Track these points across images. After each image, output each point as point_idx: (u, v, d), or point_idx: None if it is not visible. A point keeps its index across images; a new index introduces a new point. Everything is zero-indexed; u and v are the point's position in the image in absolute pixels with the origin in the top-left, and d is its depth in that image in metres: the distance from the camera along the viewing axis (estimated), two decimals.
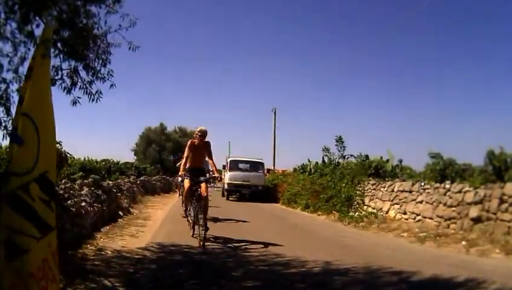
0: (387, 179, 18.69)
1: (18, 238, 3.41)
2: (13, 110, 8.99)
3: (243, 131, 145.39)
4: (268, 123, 57.43)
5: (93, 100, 9.46)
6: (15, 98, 9.09)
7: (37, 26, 8.67)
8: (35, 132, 3.56)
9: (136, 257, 8.92)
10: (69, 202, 9.83)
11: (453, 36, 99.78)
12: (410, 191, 15.67)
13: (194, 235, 11.07)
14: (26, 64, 8.84)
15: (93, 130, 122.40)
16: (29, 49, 8.94)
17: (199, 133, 11.57)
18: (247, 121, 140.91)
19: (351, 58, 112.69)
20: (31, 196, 3.50)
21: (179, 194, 20.75)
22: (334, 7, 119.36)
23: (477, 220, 11.62)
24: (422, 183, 15.18)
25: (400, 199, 16.26)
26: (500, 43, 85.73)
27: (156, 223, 14.72)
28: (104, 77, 9.63)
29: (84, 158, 25.03)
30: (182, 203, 14.28)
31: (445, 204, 13.28)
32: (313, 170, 29.11)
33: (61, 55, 9.38)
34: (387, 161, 21.01)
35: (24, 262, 3.44)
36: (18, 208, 3.45)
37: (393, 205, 16.68)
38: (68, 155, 10.22)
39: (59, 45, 9.21)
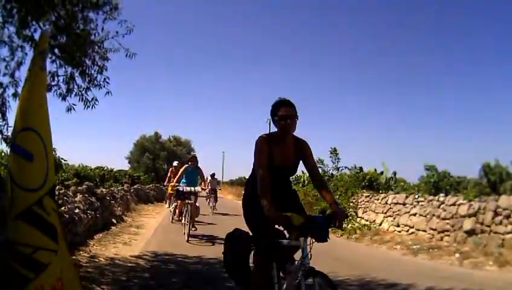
0: (381, 192, 18.73)
1: (39, 255, 3.41)
2: (9, 115, 8.96)
3: (236, 141, 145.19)
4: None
5: (88, 107, 9.44)
6: (11, 102, 9.08)
7: (35, 30, 8.66)
8: (43, 146, 3.56)
9: (129, 265, 8.91)
10: (62, 208, 9.80)
11: (448, 48, 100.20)
12: (404, 204, 15.69)
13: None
14: (23, 68, 8.85)
15: (88, 137, 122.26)
16: (26, 54, 8.94)
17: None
18: (241, 132, 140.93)
19: (345, 69, 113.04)
20: (46, 211, 3.50)
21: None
22: (328, 16, 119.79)
23: (471, 232, 11.63)
24: (417, 196, 15.22)
25: (393, 212, 16.28)
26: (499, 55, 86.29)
27: (149, 232, 14.67)
28: (100, 84, 9.61)
29: (79, 165, 25.00)
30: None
31: (438, 217, 13.30)
32: (306, 182, 29.06)
33: (57, 61, 9.37)
34: (381, 173, 21.08)
35: (46, 276, 3.43)
36: (36, 224, 3.44)
37: (386, 217, 16.69)
38: (62, 161, 10.23)
39: (56, 50, 9.20)
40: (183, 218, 14.05)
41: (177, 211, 16.79)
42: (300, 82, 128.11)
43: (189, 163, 14.99)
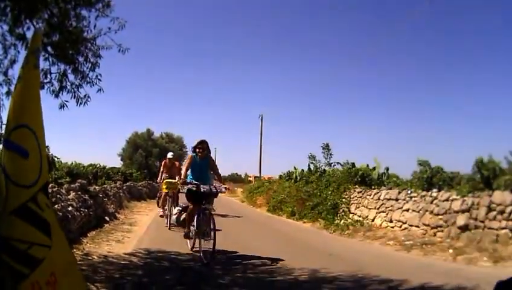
0: (373, 187, 18.70)
1: (34, 250, 3.42)
2: (2, 113, 8.95)
3: (229, 137, 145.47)
4: (255, 130, 57.58)
5: (81, 104, 9.46)
6: (4, 100, 9.07)
7: (28, 28, 8.65)
8: (37, 143, 3.57)
9: (122, 262, 8.91)
10: (56, 206, 9.79)
11: (443, 44, 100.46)
12: (397, 199, 15.68)
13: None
14: (16, 66, 8.84)
15: (81, 134, 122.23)
16: (19, 52, 8.93)
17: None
18: (233, 128, 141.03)
19: (339, 66, 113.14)
20: (40, 206, 3.51)
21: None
22: (320, 16, 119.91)
23: (464, 228, 11.63)
24: (409, 192, 15.20)
25: (386, 207, 16.26)
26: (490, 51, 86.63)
27: (142, 229, 14.68)
28: (93, 81, 9.64)
29: (72, 163, 24.96)
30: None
31: (431, 212, 13.30)
32: (298, 178, 29.09)
33: (50, 59, 9.37)
34: (374, 168, 21.06)
35: (41, 272, 3.44)
36: (31, 220, 3.45)
37: (379, 213, 16.68)
38: (55, 159, 10.22)
39: (49, 48, 9.20)
40: (198, 235, 10.14)
41: (184, 217, 11.92)
42: (292, 78, 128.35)
43: (197, 151, 10.77)
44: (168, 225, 14.97)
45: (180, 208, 12.88)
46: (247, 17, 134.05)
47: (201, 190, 10.10)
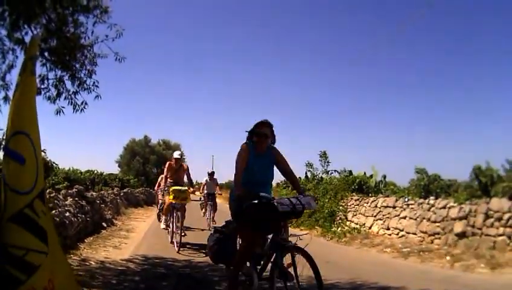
0: (370, 195, 18.73)
1: (30, 256, 3.43)
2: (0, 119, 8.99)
3: (226, 143, 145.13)
4: None
5: (77, 111, 9.45)
6: (2, 105, 9.08)
7: (26, 33, 8.66)
8: (33, 149, 3.59)
9: (119, 268, 8.90)
10: (53, 211, 9.77)
11: (439, 48, 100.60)
12: (394, 207, 15.70)
13: None
14: (14, 71, 8.84)
15: (78, 140, 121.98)
16: (17, 57, 8.92)
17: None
18: (230, 135, 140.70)
19: (335, 72, 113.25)
20: (36, 213, 3.53)
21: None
22: (318, 22, 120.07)
23: (461, 235, 11.65)
24: (406, 199, 15.22)
25: (383, 215, 16.28)
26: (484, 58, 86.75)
27: (139, 235, 14.65)
28: (90, 87, 9.63)
29: (69, 168, 24.97)
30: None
31: (429, 219, 13.31)
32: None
33: (47, 65, 9.37)
34: (371, 176, 21.09)
35: (37, 278, 3.46)
36: (27, 227, 3.48)
37: (376, 220, 16.69)
38: (54, 165, 10.22)
39: (46, 54, 9.19)
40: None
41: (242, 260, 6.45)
42: (290, 85, 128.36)
43: (255, 138, 6.31)
44: (176, 245, 11.48)
45: (221, 235, 6.95)
46: (248, 22, 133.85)
47: (280, 209, 5.68)
